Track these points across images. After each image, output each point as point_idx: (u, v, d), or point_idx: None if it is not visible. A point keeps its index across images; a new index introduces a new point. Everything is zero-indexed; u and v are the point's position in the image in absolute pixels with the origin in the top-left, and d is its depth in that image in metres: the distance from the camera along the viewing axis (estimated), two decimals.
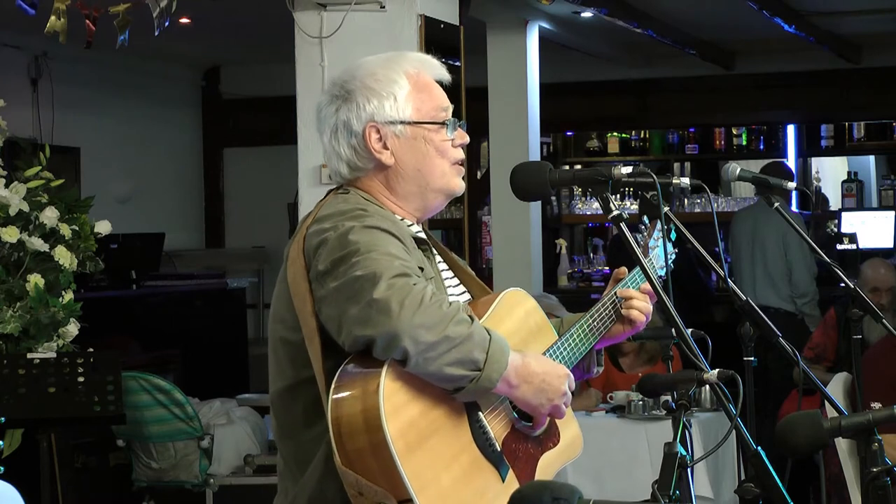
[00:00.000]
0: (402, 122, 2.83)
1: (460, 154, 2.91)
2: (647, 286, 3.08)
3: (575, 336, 2.97)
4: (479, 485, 2.66)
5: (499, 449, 2.72)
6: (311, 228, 2.73)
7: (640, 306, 3.06)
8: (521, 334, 2.85)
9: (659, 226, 3.20)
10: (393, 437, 2.52)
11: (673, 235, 3.18)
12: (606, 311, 3.07)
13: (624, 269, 3.14)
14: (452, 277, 2.95)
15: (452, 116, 2.90)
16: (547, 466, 2.84)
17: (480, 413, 2.71)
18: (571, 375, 2.82)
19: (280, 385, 2.80)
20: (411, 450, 2.55)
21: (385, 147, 2.83)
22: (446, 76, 2.93)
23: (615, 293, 3.09)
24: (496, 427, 2.74)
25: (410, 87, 2.84)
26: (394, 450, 2.52)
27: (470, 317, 2.62)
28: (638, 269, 3.11)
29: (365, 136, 2.82)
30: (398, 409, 2.56)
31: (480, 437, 2.69)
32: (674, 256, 3.22)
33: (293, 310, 2.73)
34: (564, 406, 2.79)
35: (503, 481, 2.71)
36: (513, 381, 2.67)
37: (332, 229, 2.68)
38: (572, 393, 2.82)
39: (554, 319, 3.10)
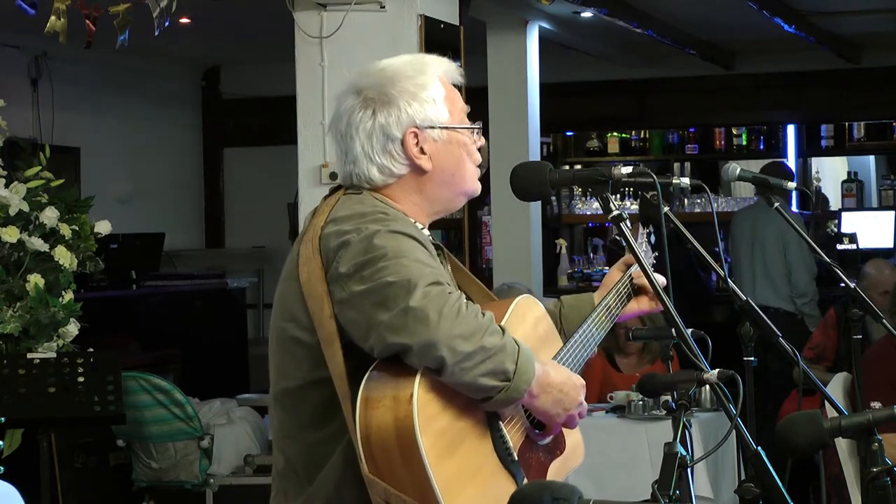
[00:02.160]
0: (440, 127, 2.79)
1: (479, 156, 2.90)
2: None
3: (578, 342, 2.97)
4: (499, 494, 2.64)
5: (516, 458, 2.72)
6: (328, 229, 2.69)
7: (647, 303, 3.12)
8: (532, 342, 2.82)
9: (641, 229, 3.22)
10: (426, 448, 2.50)
11: (653, 240, 3.21)
12: (618, 297, 3.10)
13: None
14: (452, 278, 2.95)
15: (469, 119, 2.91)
16: (555, 474, 2.84)
17: (500, 423, 2.70)
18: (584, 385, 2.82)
19: (286, 385, 2.76)
20: (441, 460, 2.53)
21: (423, 152, 2.78)
22: (462, 79, 2.92)
23: (629, 276, 3.13)
24: (513, 436, 2.73)
25: (444, 91, 2.82)
26: (427, 460, 2.50)
27: (501, 327, 2.62)
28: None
29: (405, 141, 2.77)
30: (430, 419, 2.54)
31: (501, 447, 2.69)
32: (654, 262, 3.24)
33: (307, 310, 2.69)
34: (579, 417, 2.79)
35: None
36: (534, 391, 2.66)
37: (354, 231, 2.64)
38: None
39: (568, 298, 3.13)
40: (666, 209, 2.92)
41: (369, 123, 2.77)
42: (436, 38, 6.27)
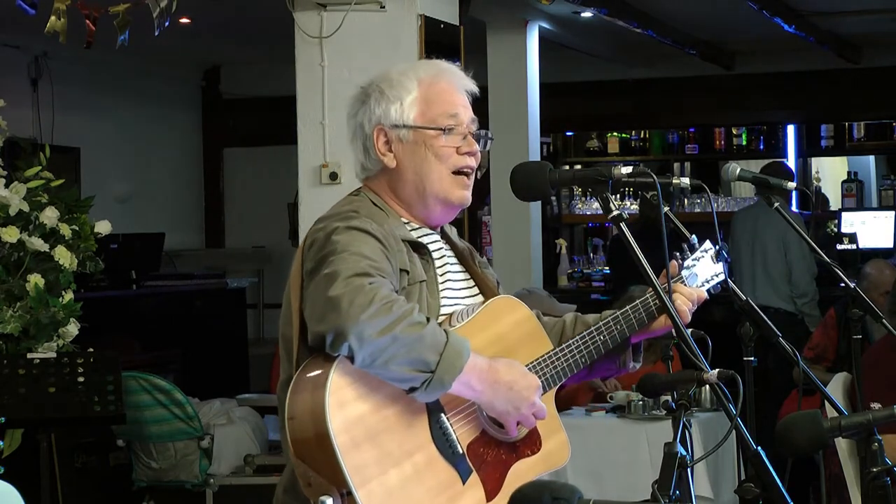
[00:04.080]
0: (405, 126, 2.88)
1: (465, 162, 2.92)
2: (690, 291, 3.05)
3: (571, 348, 2.95)
4: (433, 484, 2.68)
5: (461, 451, 2.73)
6: (312, 227, 2.82)
7: (681, 300, 3.03)
8: (507, 342, 2.86)
9: (708, 244, 3.16)
10: (336, 431, 2.56)
11: (723, 256, 3.15)
12: (643, 309, 3.02)
13: (675, 265, 3.09)
14: (468, 279, 2.98)
15: (480, 128, 2.94)
16: (521, 473, 2.83)
17: (443, 415, 2.73)
18: (541, 387, 2.81)
19: (282, 378, 2.85)
20: (357, 444, 2.59)
21: (389, 150, 2.90)
22: (471, 87, 2.98)
23: (655, 290, 3.08)
24: (462, 430, 2.75)
25: (418, 93, 2.90)
26: (336, 442, 2.56)
27: (427, 318, 2.66)
28: (691, 265, 3.10)
29: (373, 138, 2.90)
30: (345, 403, 2.60)
31: (440, 438, 2.71)
32: (722, 278, 3.18)
33: (290, 306, 2.80)
34: (533, 417, 2.79)
35: (464, 483, 2.71)
36: (476, 386, 2.69)
37: (321, 230, 2.77)
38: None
39: (592, 316, 3.08)
40: (666, 209, 2.91)
41: (353, 122, 2.96)
42: (436, 38, 6.27)
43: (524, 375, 2.78)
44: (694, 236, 3.10)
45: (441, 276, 2.91)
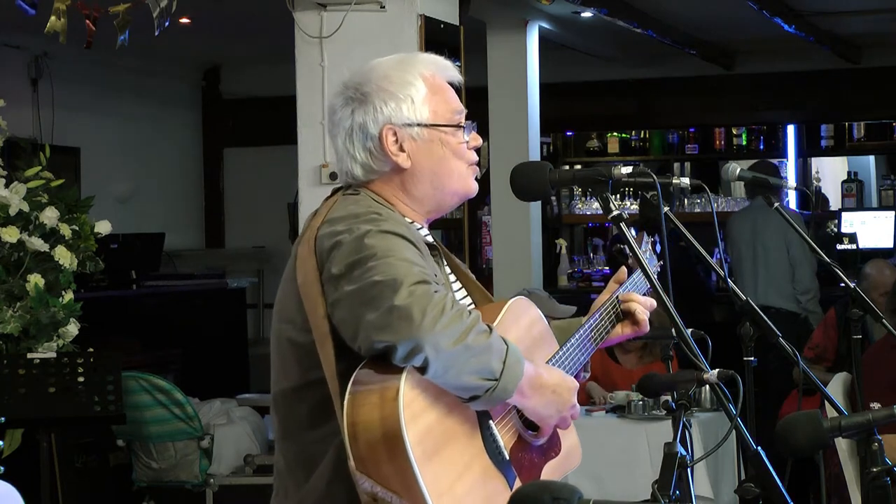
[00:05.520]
0: (419, 125, 2.81)
1: (475, 156, 2.90)
2: (643, 299, 3.09)
3: (575, 346, 2.97)
4: (488, 493, 2.66)
5: (507, 457, 2.72)
6: (323, 230, 2.71)
7: (640, 309, 3.07)
8: (526, 343, 2.83)
9: (645, 238, 3.23)
10: (412, 445, 2.51)
11: (658, 249, 3.21)
12: (608, 317, 3.08)
13: (624, 270, 3.14)
14: (455, 281, 2.95)
15: (466, 119, 2.90)
16: (550, 475, 2.84)
17: (491, 421, 2.70)
18: (578, 387, 2.82)
19: (284, 385, 2.79)
20: (428, 457, 2.54)
21: (402, 149, 2.80)
22: (458, 77, 2.92)
23: (617, 297, 3.09)
24: (504, 435, 2.74)
25: (427, 90, 2.83)
26: (413, 457, 2.50)
27: (488, 326, 2.61)
28: (637, 273, 3.14)
29: (382, 138, 2.79)
30: (416, 416, 2.54)
31: (491, 445, 2.69)
32: (658, 270, 3.24)
33: (303, 311, 2.71)
34: (571, 418, 2.80)
35: (511, 489, 2.70)
36: (526, 392, 2.66)
37: (346, 232, 2.66)
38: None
39: (557, 321, 3.10)
40: (666, 209, 2.91)
41: (348, 122, 2.82)
42: (436, 38, 6.28)
43: (564, 378, 2.77)
44: (632, 228, 3.10)
45: (447, 274, 2.90)
